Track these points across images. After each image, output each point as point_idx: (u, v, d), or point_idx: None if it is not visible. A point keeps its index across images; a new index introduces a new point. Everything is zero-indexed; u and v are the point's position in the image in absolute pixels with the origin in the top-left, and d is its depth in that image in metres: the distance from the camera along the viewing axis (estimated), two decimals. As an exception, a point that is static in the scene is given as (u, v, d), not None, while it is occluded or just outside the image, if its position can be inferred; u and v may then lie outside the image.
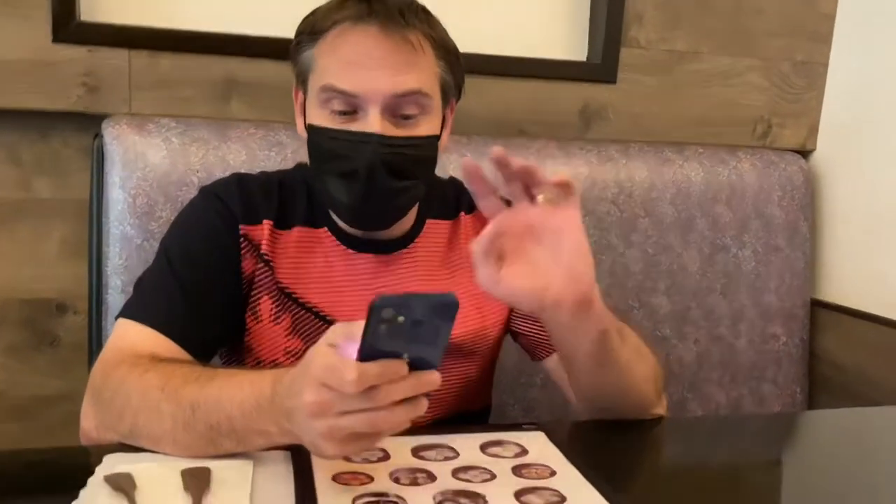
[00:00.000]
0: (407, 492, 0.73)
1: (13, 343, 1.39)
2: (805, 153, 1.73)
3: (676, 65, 1.63)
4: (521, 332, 1.11)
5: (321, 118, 0.95)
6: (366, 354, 0.64)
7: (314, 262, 1.02)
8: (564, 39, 1.60)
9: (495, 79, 1.51)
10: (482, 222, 1.10)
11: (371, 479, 0.75)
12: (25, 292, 1.38)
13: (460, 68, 1.01)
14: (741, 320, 1.61)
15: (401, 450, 0.81)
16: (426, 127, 0.96)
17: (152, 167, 1.26)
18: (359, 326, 0.65)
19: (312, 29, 0.96)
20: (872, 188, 1.61)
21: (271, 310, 1.00)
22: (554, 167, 1.48)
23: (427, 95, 0.95)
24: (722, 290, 1.59)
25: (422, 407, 0.68)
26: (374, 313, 0.62)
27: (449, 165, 1.38)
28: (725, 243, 1.59)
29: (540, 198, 0.76)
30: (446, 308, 0.65)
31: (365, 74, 0.91)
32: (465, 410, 1.08)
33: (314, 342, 0.70)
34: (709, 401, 1.61)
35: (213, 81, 1.38)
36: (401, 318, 0.63)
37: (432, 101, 0.96)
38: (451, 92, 1.01)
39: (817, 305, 1.69)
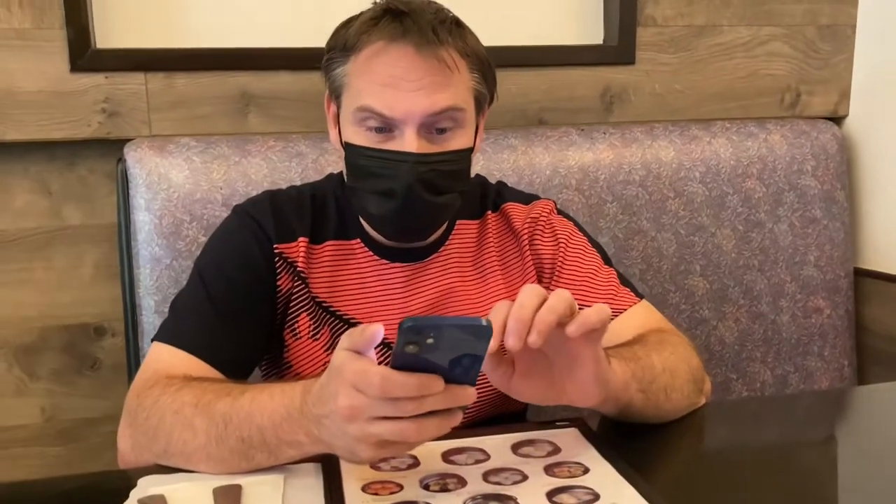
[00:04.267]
0: (437, 498, 0.72)
1: (56, 368, 1.42)
2: (837, 119, 1.68)
3: (696, 40, 1.58)
4: None
5: (357, 136, 0.95)
6: (397, 366, 0.65)
7: (348, 273, 1.03)
8: (580, 24, 1.58)
9: (512, 70, 1.49)
10: (507, 220, 1.09)
11: (401, 487, 0.74)
12: (64, 318, 1.41)
13: (493, 76, 1.01)
14: (782, 296, 1.57)
15: (431, 455, 0.80)
16: (460, 140, 0.97)
17: (176, 187, 1.28)
18: (373, 329, 0.66)
19: (345, 45, 0.96)
20: (911, 150, 1.56)
21: (309, 326, 1.01)
22: (577, 154, 1.46)
23: (461, 110, 0.95)
24: (759, 267, 1.55)
25: (454, 420, 0.68)
26: (401, 335, 0.63)
27: (476, 165, 1.37)
28: (760, 219, 1.55)
29: (570, 329, 0.72)
30: (478, 331, 0.65)
31: (401, 96, 0.92)
32: (504, 412, 1.07)
33: None
34: (754, 380, 1.57)
35: (230, 97, 1.39)
36: (430, 340, 0.63)
37: (466, 115, 0.97)
38: (485, 101, 1.01)
39: (861, 275, 1.63)
